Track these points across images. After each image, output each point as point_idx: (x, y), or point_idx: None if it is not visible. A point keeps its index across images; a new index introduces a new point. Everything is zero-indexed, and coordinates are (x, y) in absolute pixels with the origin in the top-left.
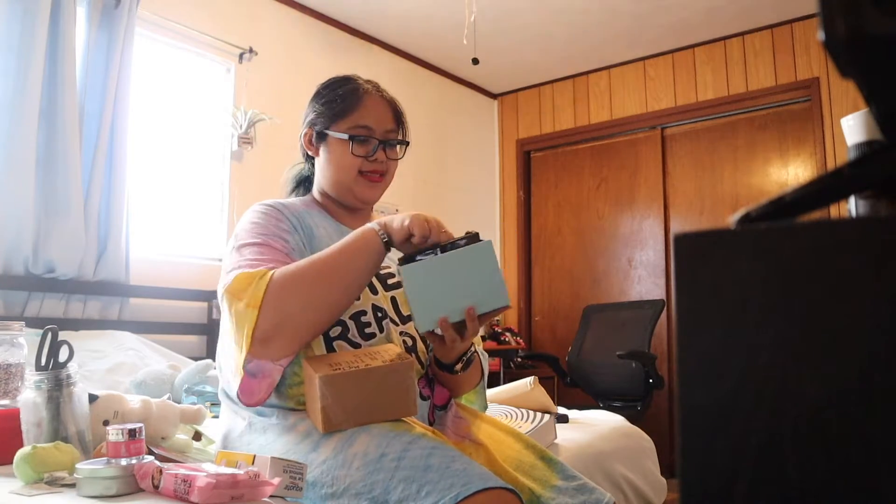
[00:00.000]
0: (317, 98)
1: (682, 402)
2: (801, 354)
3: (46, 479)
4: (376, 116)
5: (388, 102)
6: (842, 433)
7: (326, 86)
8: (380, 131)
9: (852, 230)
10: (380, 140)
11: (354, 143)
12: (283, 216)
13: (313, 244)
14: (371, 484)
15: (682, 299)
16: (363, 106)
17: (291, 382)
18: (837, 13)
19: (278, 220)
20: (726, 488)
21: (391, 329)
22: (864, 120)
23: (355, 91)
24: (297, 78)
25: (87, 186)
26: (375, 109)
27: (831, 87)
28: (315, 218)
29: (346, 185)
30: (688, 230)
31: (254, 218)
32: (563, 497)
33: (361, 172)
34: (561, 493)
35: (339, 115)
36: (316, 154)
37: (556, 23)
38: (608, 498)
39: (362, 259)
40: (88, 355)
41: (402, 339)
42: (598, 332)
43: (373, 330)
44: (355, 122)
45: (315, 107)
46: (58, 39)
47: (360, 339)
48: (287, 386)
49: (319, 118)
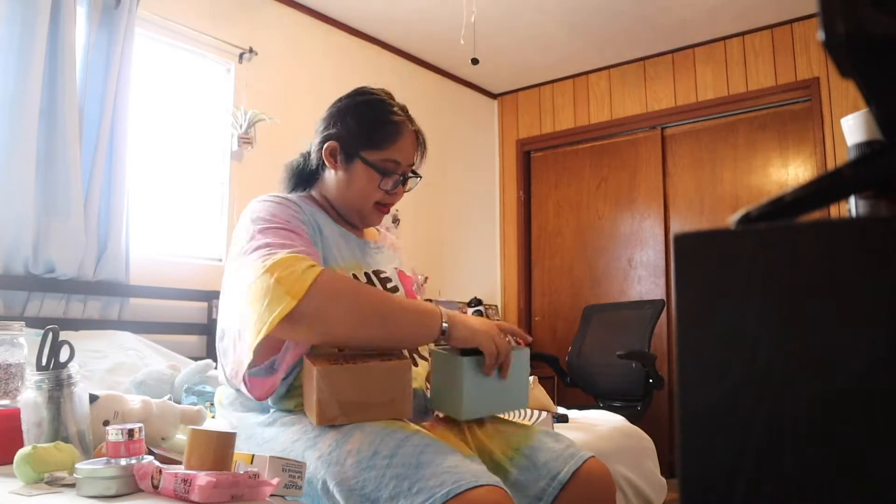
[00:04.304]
0: (351, 114)
1: (682, 402)
2: (801, 354)
3: (47, 479)
4: (406, 152)
5: (415, 135)
6: (842, 433)
7: (364, 105)
8: (405, 166)
9: (852, 230)
10: (401, 175)
11: (385, 177)
12: (299, 208)
13: (325, 244)
14: (363, 481)
15: (682, 299)
16: (400, 141)
17: (296, 385)
18: (837, 13)
19: (295, 211)
20: (726, 488)
21: None
22: (864, 120)
23: (396, 126)
24: (297, 78)
25: (87, 186)
26: (406, 144)
27: (831, 87)
28: (321, 219)
29: (358, 209)
30: (688, 230)
31: (270, 206)
32: (547, 438)
33: (377, 203)
34: (545, 435)
35: (376, 144)
36: (335, 168)
37: (556, 23)
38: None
39: (412, 328)
40: (88, 355)
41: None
42: (598, 332)
43: None
44: (388, 156)
45: (348, 123)
46: (58, 39)
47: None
48: (292, 387)
49: (352, 139)
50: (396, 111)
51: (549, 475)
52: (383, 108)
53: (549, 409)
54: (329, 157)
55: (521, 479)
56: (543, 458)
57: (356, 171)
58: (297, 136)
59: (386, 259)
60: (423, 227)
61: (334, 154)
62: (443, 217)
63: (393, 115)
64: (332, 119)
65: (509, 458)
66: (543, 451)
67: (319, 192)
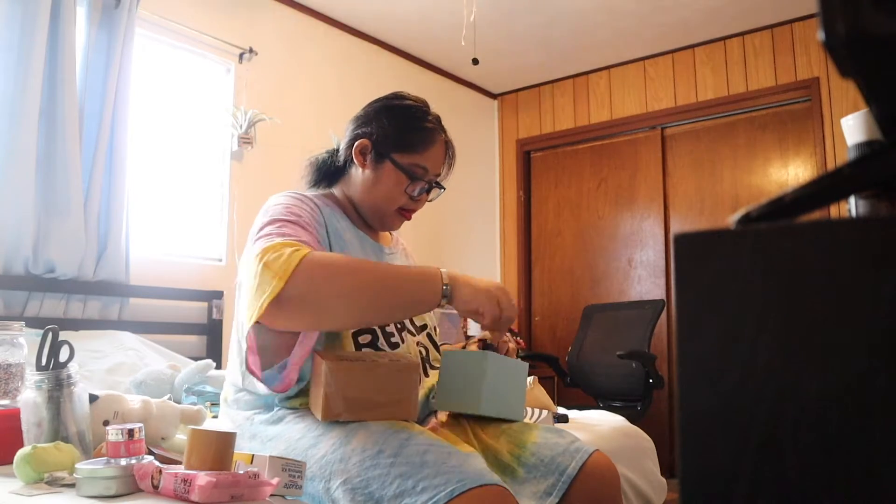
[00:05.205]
0: (388, 114)
1: (682, 403)
2: (801, 354)
3: (46, 479)
4: (435, 161)
5: (446, 146)
6: (842, 433)
7: (403, 109)
8: (432, 174)
9: (852, 230)
10: (428, 182)
11: (412, 182)
12: (316, 208)
13: (342, 247)
14: (368, 479)
15: (681, 299)
16: (432, 148)
17: (305, 389)
18: (837, 13)
19: (312, 210)
20: (726, 488)
21: (409, 340)
22: (864, 120)
23: (429, 132)
24: (297, 78)
25: (87, 186)
26: (437, 153)
27: (831, 87)
28: (340, 221)
29: (380, 212)
30: (688, 230)
31: (287, 200)
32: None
33: (399, 208)
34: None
35: (408, 147)
36: (363, 167)
37: (556, 23)
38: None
39: (412, 294)
40: (88, 355)
41: (418, 350)
42: (598, 332)
43: (396, 340)
44: (418, 162)
45: (383, 124)
46: (58, 39)
47: (387, 348)
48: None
49: (385, 139)
50: (431, 119)
51: (558, 470)
52: (419, 114)
53: (549, 409)
54: (359, 155)
55: (529, 476)
56: (550, 454)
57: (384, 172)
58: (297, 135)
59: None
60: (423, 226)
61: (364, 152)
62: (443, 217)
63: (427, 122)
64: (366, 118)
65: (516, 457)
66: (549, 446)
67: (342, 190)
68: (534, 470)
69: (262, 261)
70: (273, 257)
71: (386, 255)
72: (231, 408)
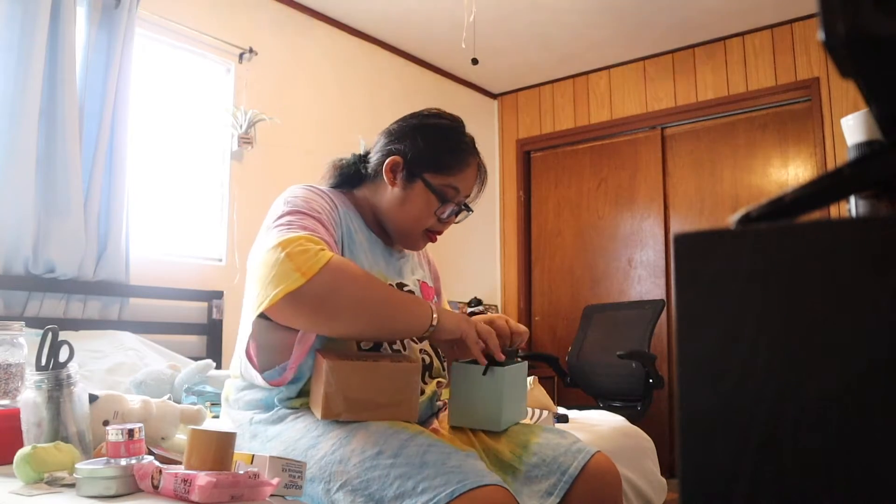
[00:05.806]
0: (422, 133)
1: (682, 403)
2: (801, 354)
3: (46, 479)
4: (468, 182)
5: (478, 168)
6: (842, 433)
7: (439, 129)
8: (462, 196)
9: (852, 230)
10: (458, 204)
11: (443, 203)
12: (335, 205)
13: (353, 249)
14: (368, 480)
15: (681, 299)
16: (466, 170)
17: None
18: (837, 13)
19: (331, 207)
20: (726, 488)
21: (412, 346)
22: (864, 120)
23: (464, 154)
24: (297, 78)
25: (87, 186)
26: (470, 175)
27: (831, 87)
28: (354, 221)
29: (406, 231)
30: (688, 230)
31: (308, 193)
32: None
33: (427, 229)
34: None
35: (442, 168)
36: (392, 184)
37: (556, 23)
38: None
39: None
40: (88, 355)
41: (421, 357)
42: (598, 332)
43: (398, 346)
44: (451, 183)
45: (418, 142)
46: (58, 39)
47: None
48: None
49: (418, 158)
50: (467, 140)
51: (560, 470)
52: (455, 134)
53: (549, 410)
54: (389, 172)
55: (531, 476)
56: (552, 454)
57: (415, 192)
58: (297, 135)
59: (409, 269)
60: None
61: (395, 170)
62: None
63: (463, 143)
64: (400, 134)
65: (518, 457)
66: (551, 446)
67: (365, 195)
68: (535, 469)
69: (286, 250)
70: (298, 250)
71: (396, 260)
72: (232, 407)
